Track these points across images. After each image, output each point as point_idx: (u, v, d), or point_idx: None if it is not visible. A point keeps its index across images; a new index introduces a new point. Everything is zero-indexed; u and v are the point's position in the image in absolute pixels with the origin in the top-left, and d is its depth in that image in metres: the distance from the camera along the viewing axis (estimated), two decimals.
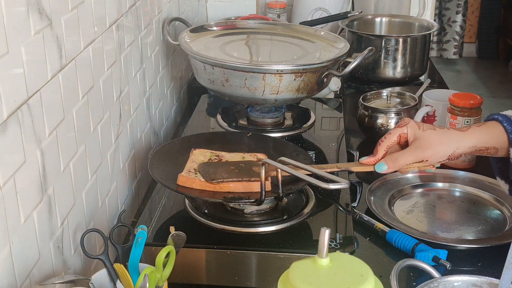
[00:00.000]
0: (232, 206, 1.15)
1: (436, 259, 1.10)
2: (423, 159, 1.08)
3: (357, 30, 2.03)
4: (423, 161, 1.08)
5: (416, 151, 1.07)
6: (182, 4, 1.90)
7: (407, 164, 1.08)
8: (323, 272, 0.73)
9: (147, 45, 1.48)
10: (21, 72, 0.83)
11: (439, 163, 1.09)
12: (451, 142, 1.07)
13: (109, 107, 1.21)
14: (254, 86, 1.38)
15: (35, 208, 0.88)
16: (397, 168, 1.08)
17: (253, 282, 1.08)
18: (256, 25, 1.72)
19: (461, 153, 1.08)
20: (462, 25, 5.42)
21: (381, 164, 1.08)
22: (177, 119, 1.84)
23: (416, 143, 1.08)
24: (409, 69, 1.99)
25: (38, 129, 0.89)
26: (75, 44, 1.02)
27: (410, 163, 1.08)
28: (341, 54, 1.46)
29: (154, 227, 1.14)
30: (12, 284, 0.82)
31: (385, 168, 1.08)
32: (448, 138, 1.08)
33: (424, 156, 1.07)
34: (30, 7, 0.85)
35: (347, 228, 1.14)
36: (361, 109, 1.61)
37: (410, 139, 1.09)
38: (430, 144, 1.07)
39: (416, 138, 1.08)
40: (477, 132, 1.08)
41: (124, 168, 1.32)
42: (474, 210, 1.31)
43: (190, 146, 1.25)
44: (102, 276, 0.93)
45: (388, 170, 1.08)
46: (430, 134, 1.08)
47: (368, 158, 1.11)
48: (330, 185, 0.99)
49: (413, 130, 1.09)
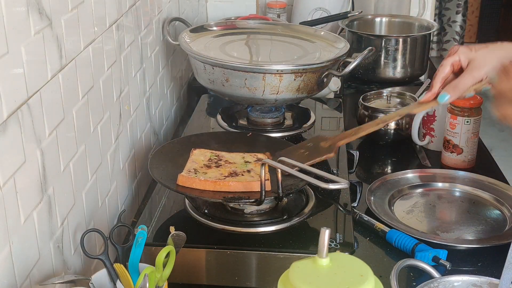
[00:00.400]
0: (232, 206, 1.15)
1: (436, 259, 1.10)
2: (482, 77, 1.06)
3: (357, 30, 2.03)
4: (481, 80, 1.06)
5: (473, 72, 1.06)
6: (182, 4, 1.90)
7: (468, 87, 1.07)
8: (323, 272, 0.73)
9: (147, 45, 1.48)
10: (21, 72, 0.83)
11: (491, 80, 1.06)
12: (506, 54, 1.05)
13: (109, 107, 1.21)
14: (254, 86, 1.38)
15: (35, 208, 0.88)
16: (459, 94, 1.07)
17: (253, 282, 1.08)
18: (256, 25, 1.72)
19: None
20: (462, 25, 5.42)
21: (443, 95, 1.07)
22: (177, 119, 1.84)
23: (471, 65, 1.07)
24: (409, 69, 1.99)
25: (38, 129, 0.89)
26: (75, 44, 1.02)
27: (470, 86, 1.07)
28: (341, 54, 1.46)
29: (154, 227, 1.14)
30: (12, 284, 0.82)
31: (448, 97, 1.07)
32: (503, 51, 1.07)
33: (483, 75, 1.06)
34: (30, 7, 0.85)
35: (347, 228, 1.14)
36: (361, 109, 1.61)
37: (464, 64, 1.08)
38: (485, 62, 1.06)
39: (470, 60, 1.07)
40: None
41: (124, 168, 1.32)
42: (474, 210, 1.31)
43: (190, 146, 1.25)
44: (102, 276, 0.93)
45: (451, 99, 1.07)
46: (484, 52, 1.07)
47: (426, 95, 1.10)
48: (330, 185, 0.99)
49: (465, 55, 1.08)
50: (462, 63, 1.08)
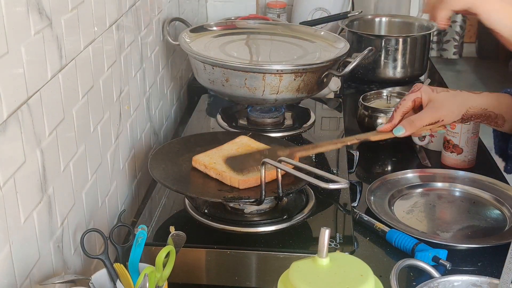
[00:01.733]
0: (232, 206, 1.15)
1: (436, 259, 1.10)
2: (439, 119, 1.12)
3: (357, 30, 2.03)
4: (437, 122, 1.12)
5: (431, 112, 1.12)
6: (182, 4, 1.90)
7: (423, 126, 1.12)
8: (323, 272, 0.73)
9: (147, 45, 1.48)
10: (21, 72, 0.83)
11: (453, 124, 1.15)
12: (465, 102, 1.12)
13: (109, 107, 1.21)
14: (254, 86, 1.38)
15: (35, 208, 0.88)
16: (414, 130, 1.13)
17: (253, 282, 1.08)
18: (256, 25, 1.72)
19: (473, 114, 1.13)
20: (462, 25, 5.42)
21: (399, 129, 1.13)
22: (177, 119, 1.84)
23: (430, 105, 1.13)
24: (409, 69, 1.99)
25: (38, 129, 0.89)
26: (75, 44, 1.02)
27: (426, 125, 1.12)
28: (341, 54, 1.46)
29: (154, 227, 1.14)
30: (12, 283, 0.82)
31: (403, 131, 1.13)
32: (462, 98, 1.13)
33: (439, 116, 1.12)
34: (30, 7, 0.85)
35: (347, 228, 1.14)
36: (361, 109, 1.61)
37: (425, 103, 1.14)
38: (444, 104, 1.12)
39: (430, 100, 1.13)
40: (489, 95, 1.15)
41: (124, 168, 1.32)
42: (474, 210, 1.31)
43: (190, 146, 1.25)
44: (102, 276, 0.93)
45: (406, 133, 1.13)
46: (444, 95, 1.13)
47: (385, 125, 1.16)
48: (330, 185, 0.99)
49: (427, 94, 1.14)
50: (423, 100, 1.14)
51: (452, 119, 1.12)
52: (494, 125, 1.15)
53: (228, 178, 1.12)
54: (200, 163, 1.17)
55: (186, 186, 1.14)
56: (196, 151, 1.22)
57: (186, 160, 1.20)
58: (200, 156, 1.18)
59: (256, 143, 1.25)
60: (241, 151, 1.21)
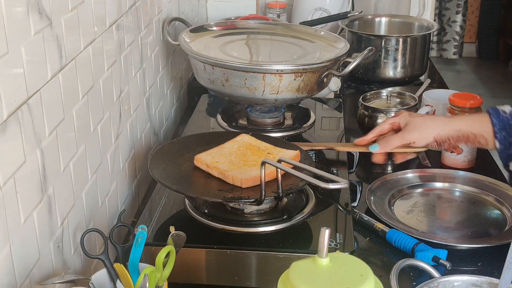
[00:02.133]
0: (232, 206, 1.15)
1: (436, 259, 1.10)
2: (410, 141, 1.21)
3: (357, 30, 2.04)
4: (409, 143, 1.21)
5: (403, 134, 1.22)
6: (182, 4, 1.90)
7: (397, 146, 1.23)
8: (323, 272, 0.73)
9: (147, 45, 1.48)
10: (21, 72, 0.83)
11: (425, 147, 1.23)
12: (436, 125, 1.19)
13: (109, 107, 1.21)
14: (254, 86, 1.38)
15: (35, 208, 0.88)
16: (387, 149, 1.24)
17: (253, 282, 1.08)
18: (256, 25, 1.72)
19: (446, 136, 1.18)
20: (462, 25, 5.42)
21: (374, 146, 1.25)
22: (177, 119, 1.84)
23: (405, 128, 1.22)
24: (409, 69, 1.99)
25: (38, 129, 0.89)
26: (75, 44, 1.02)
27: (399, 145, 1.22)
28: (341, 54, 1.46)
29: (154, 227, 1.14)
30: (12, 283, 0.82)
31: (378, 148, 1.25)
32: (434, 122, 1.20)
33: (411, 138, 1.21)
34: (30, 7, 0.85)
35: (347, 228, 1.14)
36: (361, 109, 1.61)
37: (402, 126, 1.23)
38: (415, 127, 1.20)
39: (406, 123, 1.23)
40: (463, 118, 1.22)
41: (124, 168, 1.32)
42: (474, 210, 1.31)
43: (190, 146, 1.25)
44: (102, 276, 0.93)
45: (380, 150, 1.25)
46: (417, 119, 1.22)
47: (359, 139, 1.29)
48: (330, 185, 0.99)
49: (404, 118, 1.24)
50: (400, 124, 1.24)
51: (423, 141, 1.20)
52: (478, 145, 1.17)
53: (231, 177, 1.12)
54: (202, 162, 1.17)
55: (186, 186, 1.14)
56: (196, 151, 1.22)
57: (186, 160, 1.20)
58: (202, 155, 1.19)
59: (258, 142, 1.25)
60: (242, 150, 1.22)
